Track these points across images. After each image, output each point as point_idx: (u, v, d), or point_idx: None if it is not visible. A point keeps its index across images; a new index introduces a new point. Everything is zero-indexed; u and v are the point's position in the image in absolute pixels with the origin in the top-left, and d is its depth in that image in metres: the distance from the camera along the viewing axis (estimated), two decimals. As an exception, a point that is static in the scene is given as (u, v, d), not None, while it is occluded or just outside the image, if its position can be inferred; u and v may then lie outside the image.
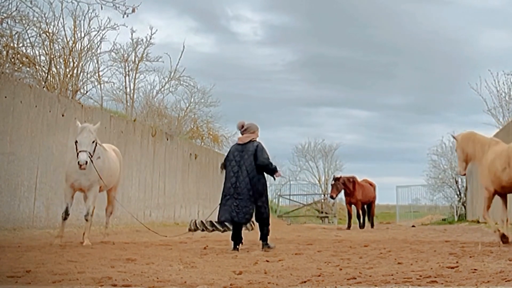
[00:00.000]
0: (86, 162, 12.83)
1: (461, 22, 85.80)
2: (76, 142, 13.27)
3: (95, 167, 13.46)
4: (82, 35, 25.56)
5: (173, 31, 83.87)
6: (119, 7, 20.23)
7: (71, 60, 24.72)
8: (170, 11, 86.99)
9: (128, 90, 31.83)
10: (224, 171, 13.40)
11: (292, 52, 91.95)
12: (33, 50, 23.14)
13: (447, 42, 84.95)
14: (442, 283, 6.77)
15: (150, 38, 31.31)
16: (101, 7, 20.81)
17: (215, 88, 43.28)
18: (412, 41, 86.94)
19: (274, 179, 14.40)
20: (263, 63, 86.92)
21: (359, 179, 31.02)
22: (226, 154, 13.89)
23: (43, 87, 21.68)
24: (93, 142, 13.29)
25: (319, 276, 7.71)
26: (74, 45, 25.14)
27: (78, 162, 12.86)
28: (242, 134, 13.64)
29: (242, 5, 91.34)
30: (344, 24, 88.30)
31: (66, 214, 13.66)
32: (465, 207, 41.69)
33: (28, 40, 22.53)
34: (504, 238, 13.30)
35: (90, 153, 13.07)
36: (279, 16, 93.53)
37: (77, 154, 12.99)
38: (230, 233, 13.52)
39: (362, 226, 30.25)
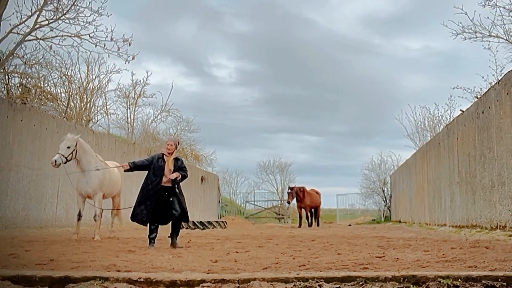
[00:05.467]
0: (56, 161, 12.65)
1: (388, 68, 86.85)
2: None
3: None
4: (94, 77, 25.99)
5: (168, 75, 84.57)
6: (122, 55, 20.70)
7: (85, 96, 24.98)
8: (166, 59, 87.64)
9: (129, 120, 32.22)
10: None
11: (259, 91, 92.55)
12: (56, 89, 23.43)
13: (377, 83, 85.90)
14: (372, 269, 6.62)
15: (146, 80, 31.96)
16: (108, 56, 21.27)
17: (197, 118, 43.38)
18: (351, 83, 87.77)
19: None
20: (236, 99, 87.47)
21: (308, 188, 31.02)
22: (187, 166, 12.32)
23: (63, 117, 21.85)
24: (69, 147, 13.03)
25: (277, 264, 7.61)
26: (87, 85, 25.45)
27: (51, 161, 12.80)
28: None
29: (220, 55, 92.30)
30: (298, 70, 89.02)
31: (80, 216, 13.66)
32: (390, 210, 41.92)
33: (51, 81, 22.82)
34: None
35: (64, 156, 12.84)
36: (249, 63, 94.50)
37: None
38: (208, 230, 13.34)
39: (310, 225, 30.30)
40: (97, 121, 27.65)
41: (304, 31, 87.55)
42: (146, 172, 11.85)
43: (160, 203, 11.39)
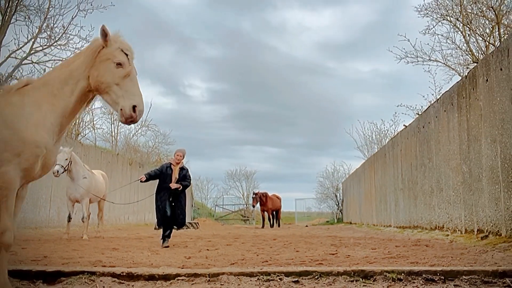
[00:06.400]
0: (58, 171, 12.81)
1: (341, 88, 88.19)
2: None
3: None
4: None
5: (148, 94, 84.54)
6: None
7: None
8: (146, 80, 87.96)
9: (113, 133, 32.12)
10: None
11: (227, 108, 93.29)
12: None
13: (331, 101, 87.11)
14: (326, 265, 6.66)
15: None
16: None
17: (172, 132, 43.28)
18: (307, 101, 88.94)
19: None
20: (207, 116, 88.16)
21: (270, 194, 31.11)
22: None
23: (55, 131, 21.70)
24: (66, 159, 13.18)
25: (243, 260, 7.71)
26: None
27: (53, 171, 12.74)
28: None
29: (194, 77, 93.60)
30: (262, 90, 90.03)
31: (69, 218, 13.76)
32: (342, 213, 42.01)
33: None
34: None
35: (63, 167, 13.03)
36: (219, 84, 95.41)
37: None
38: (182, 230, 13.31)
39: (272, 226, 30.38)
40: (85, 135, 27.88)
41: (267, 56, 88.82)
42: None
43: (169, 206, 11.60)
